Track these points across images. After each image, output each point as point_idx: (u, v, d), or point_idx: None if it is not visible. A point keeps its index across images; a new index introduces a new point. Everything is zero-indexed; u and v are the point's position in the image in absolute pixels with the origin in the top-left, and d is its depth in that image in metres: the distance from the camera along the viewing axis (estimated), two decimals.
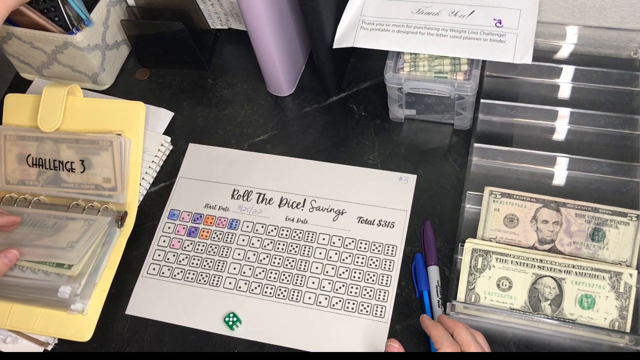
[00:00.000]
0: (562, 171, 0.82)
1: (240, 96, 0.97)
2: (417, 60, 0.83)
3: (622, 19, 0.88)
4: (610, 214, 0.74)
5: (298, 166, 0.89)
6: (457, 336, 0.66)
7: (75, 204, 0.86)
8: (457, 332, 0.67)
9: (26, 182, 0.88)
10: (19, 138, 0.88)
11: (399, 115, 0.90)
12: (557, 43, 0.91)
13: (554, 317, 0.71)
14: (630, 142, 0.82)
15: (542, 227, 0.75)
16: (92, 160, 0.86)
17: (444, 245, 0.79)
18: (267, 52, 0.87)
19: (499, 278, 0.73)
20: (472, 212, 0.80)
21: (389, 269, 0.79)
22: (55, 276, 0.79)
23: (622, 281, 0.71)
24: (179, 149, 0.93)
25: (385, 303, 0.77)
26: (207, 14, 1.00)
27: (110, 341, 0.79)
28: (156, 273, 0.83)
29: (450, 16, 0.83)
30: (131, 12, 0.98)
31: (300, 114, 0.94)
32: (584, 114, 0.83)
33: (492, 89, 0.89)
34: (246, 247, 0.83)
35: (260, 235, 0.84)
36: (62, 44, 0.92)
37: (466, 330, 0.67)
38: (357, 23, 0.85)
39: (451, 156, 0.86)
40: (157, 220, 0.87)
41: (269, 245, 0.83)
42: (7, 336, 0.80)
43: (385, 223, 0.82)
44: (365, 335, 0.75)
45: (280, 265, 0.81)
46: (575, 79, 0.88)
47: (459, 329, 0.67)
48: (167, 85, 1.00)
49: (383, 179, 0.86)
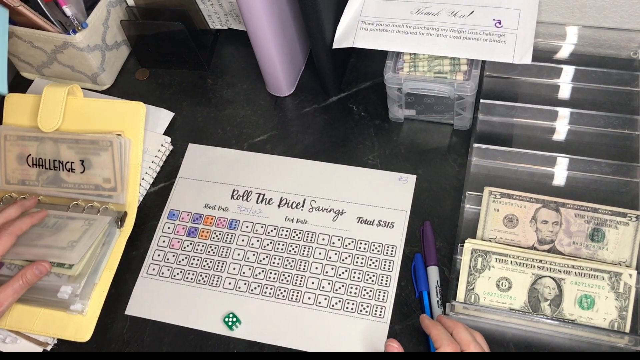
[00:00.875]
0: (561, 171, 0.82)
1: (240, 96, 0.97)
2: (416, 60, 0.83)
3: (622, 19, 0.88)
4: (610, 214, 0.74)
5: (298, 166, 0.89)
6: (457, 335, 0.66)
7: (75, 204, 0.86)
8: (456, 332, 0.67)
9: (26, 182, 0.88)
10: (19, 138, 0.88)
11: (398, 116, 0.90)
12: (556, 43, 0.91)
13: (553, 318, 0.71)
14: (630, 143, 0.82)
15: (542, 227, 0.75)
16: (92, 160, 0.86)
17: (443, 246, 0.79)
18: (267, 53, 0.87)
19: (499, 278, 0.73)
20: (471, 212, 0.80)
21: (388, 269, 0.79)
22: (55, 276, 0.79)
23: (621, 281, 0.71)
24: (178, 149, 0.93)
25: (384, 303, 0.77)
26: (207, 14, 1.00)
27: (110, 341, 0.79)
28: (156, 273, 0.83)
29: (449, 16, 0.83)
30: (131, 13, 0.98)
31: (300, 114, 0.94)
32: (583, 114, 0.83)
33: (492, 89, 0.89)
34: (246, 247, 0.83)
35: (259, 236, 0.84)
36: (61, 43, 0.92)
37: (465, 329, 0.67)
38: (356, 23, 0.85)
39: (451, 156, 0.86)
40: (156, 220, 0.87)
41: (268, 246, 0.83)
42: (7, 336, 0.80)
43: (384, 223, 0.82)
44: (365, 335, 0.75)
45: (280, 265, 0.81)
46: (575, 79, 0.88)
47: (458, 328, 0.67)
48: (167, 86, 1.00)
49: (383, 179, 0.86)
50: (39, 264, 0.76)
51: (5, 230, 0.75)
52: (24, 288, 0.74)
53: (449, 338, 0.66)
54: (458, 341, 0.66)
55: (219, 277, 0.82)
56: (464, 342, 0.65)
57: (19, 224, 0.77)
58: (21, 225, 0.77)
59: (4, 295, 0.73)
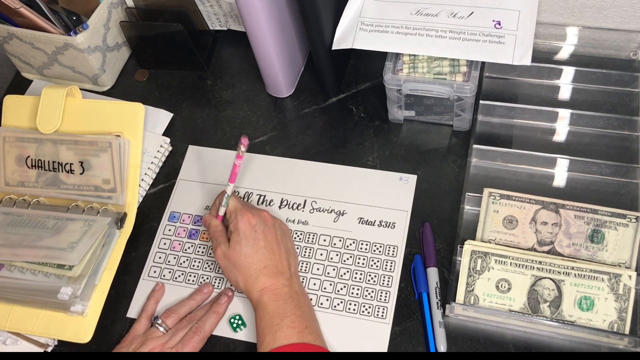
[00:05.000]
0: (561, 172, 0.82)
1: (239, 97, 0.97)
2: (416, 61, 0.83)
3: (622, 19, 0.88)
4: (610, 216, 0.74)
5: (298, 167, 0.89)
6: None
7: (75, 205, 0.86)
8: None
9: (25, 183, 0.88)
10: (18, 140, 0.88)
11: (398, 117, 0.90)
12: (556, 44, 0.91)
13: (553, 319, 0.71)
14: (630, 144, 0.82)
15: (542, 228, 0.75)
16: (92, 161, 0.86)
17: (443, 247, 0.79)
18: (266, 53, 0.87)
19: (498, 280, 0.73)
20: (471, 213, 0.80)
21: (390, 269, 0.79)
22: (55, 277, 0.79)
23: (621, 283, 0.71)
24: (178, 150, 0.93)
25: (386, 304, 0.77)
26: (206, 15, 1.00)
27: (110, 343, 0.79)
28: (157, 276, 0.83)
29: (449, 17, 0.82)
30: (130, 14, 0.98)
31: (299, 115, 0.94)
32: (583, 115, 0.83)
33: (492, 90, 0.89)
34: None
35: None
36: (62, 45, 0.92)
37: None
38: (356, 24, 0.85)
39: (450, 157, 0.86)
40: (156, 221, 0.87)
41: None
42: (7, 338, 0.80)
43: (385, 224, 0.82)
44: (367, 336, 0.75)
45: None
46: (574, 80, 0.88)
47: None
48: (167, 86, 1.00)
49: (383, 180, 0.86)
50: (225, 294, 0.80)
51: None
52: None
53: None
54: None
55: (220, 278, 0.82)
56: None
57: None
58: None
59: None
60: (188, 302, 0.79)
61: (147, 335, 0.76)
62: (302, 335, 0.69)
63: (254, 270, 0.73)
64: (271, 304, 0.71)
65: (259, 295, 0.72)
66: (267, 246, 0.75)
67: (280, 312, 0.71)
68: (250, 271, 0.73)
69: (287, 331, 0.69)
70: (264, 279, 0.73)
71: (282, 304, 0.71)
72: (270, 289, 0.72)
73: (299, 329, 0.70)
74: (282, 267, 0.75)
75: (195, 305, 0.79)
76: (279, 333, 0.69)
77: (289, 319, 0.70)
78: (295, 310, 0.71)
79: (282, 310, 0.71)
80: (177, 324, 0.77)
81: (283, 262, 0.75)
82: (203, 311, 0.78)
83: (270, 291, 0.72)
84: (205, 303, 0.80)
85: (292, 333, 0.69)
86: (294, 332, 0.69)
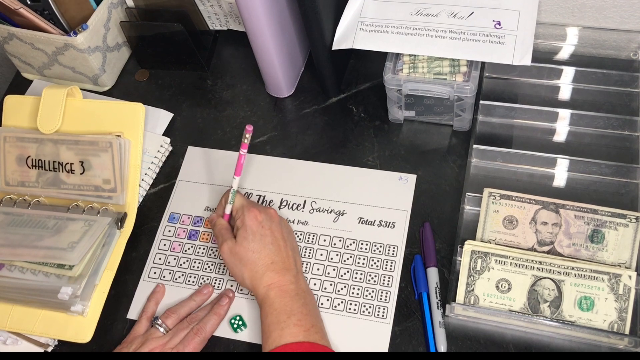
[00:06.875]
0: (561, 173, 0.82)
1: (239, 97, 0.97)
2: (416, 61, 0.83)
3: (622, 19, 0.88)
4: (610, 216, 0.74)
5: (298, 167, 0.89)
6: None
7: (75, 205, 0.86)
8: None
9: (26, 183, 0.88)
10: (18, 139, 0.88)
11: (398, 117, 0.90)
12: (556, 44, 0.91)
13: (553, 319, 0.71)
14: (630, 144, 0.82)
15: (542, 228, 0.76)
16: (92, 161, 0.86)
17: (443, 247, 0.80)
18: (267, 54, 0.87)
19: (498, 280, 0.73)
20: (471, 213, 0.80)
21: (390, 269, 0.79)
22: (56, 277, 0.79)
23: (621, 283, 0.71)
24: (178, 150, 0.93)
25: (387, 304, 0.77)
26: (207, 15, 1.00)
27: (110, 343, 0.79)
28: (157, 277, 0.83)
29: (449, 17, 0.83)
30: (131, 14, 0.98)
31: (299, 115, 0.94)
32: (583, 116, 0.83)
33: (492, 90, 0.89)
34: None
35: None
36: (62, 45, 0.92)
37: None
38: (356, 24, 0.85)
39: (450, 157, 0.86)
40: (156, 221, 0.87)
41: None
42: (7, 337, 0.80)
43: (385, 223, 0.82)
44: (368, 336, 0.75)
45: None
46: (574, 80, 0.88)
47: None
48: (167, 87, 1.00)
49: (383, 179, 0.86)
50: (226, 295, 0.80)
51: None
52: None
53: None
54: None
55: (221, 279, 0.82)
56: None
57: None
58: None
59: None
60: (188, 303, 0.79)
61: (148, 336, 0.76)
62: (309, 334, 0.69)
63: (261, 266, 0.73)
64: (278, 300, 0.71)
65: (266, 290, 0.72)
66: (274, 242, 0.75)
67: (287, 309, 0.71)
68: (257, 267, 0.73)
69: (293, 329, 0.69)
70: (271, 274, 0.73)
71: (289, 301, 0.71)
72: (277, 285, 0.72)
73: (305, 327, 0.70)
74: (289, 263, 0.75)
75: (195, 306, 0.79)
76: (285, 330, 0.69)
77: (295, 317, 0.70)
78: (301, 308, 0.71)
79: (289, 307, 0.71)
80: (177, 325, 0.77)
81: (290, 259, 0.75)
82: (204, 312, 0.78)
83: (277, 287, 0.72)
84: (205, 304, 0.80)
85: (298, 331, 0.69)
86: (300, 330, 0.69)
